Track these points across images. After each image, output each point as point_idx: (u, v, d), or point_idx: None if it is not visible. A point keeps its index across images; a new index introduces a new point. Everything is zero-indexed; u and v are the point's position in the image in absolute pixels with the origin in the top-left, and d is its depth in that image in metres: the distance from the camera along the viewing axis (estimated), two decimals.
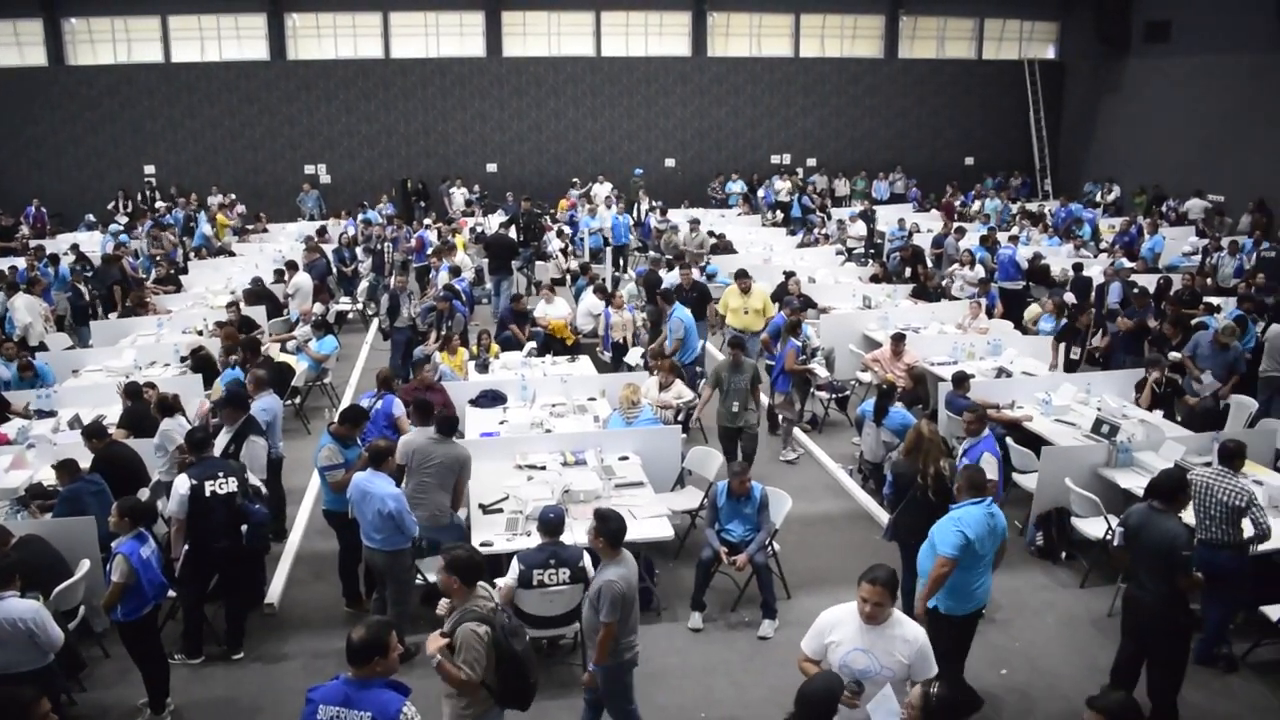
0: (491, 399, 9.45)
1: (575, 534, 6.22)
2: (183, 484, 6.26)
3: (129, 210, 20.55)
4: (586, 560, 5.71)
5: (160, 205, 20.82)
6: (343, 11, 22.95)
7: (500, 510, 6.98)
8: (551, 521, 5.63)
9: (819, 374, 10.46)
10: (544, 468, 7.71)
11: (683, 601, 7.08)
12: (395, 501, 6.14)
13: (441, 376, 9.81)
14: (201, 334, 11.83)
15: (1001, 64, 25.88)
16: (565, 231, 18.78)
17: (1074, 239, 17.21)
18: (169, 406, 7.70)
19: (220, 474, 6.37)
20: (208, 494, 6.27)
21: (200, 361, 10.15)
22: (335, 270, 15.65)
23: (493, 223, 19.29)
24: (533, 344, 11.54)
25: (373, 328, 14.74)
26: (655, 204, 20.74)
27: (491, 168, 24.20)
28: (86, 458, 7.07)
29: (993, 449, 7.10)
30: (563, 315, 12.43)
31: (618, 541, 5.06)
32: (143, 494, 6.93)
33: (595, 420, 8.96)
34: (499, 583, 5.45)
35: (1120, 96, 23.94)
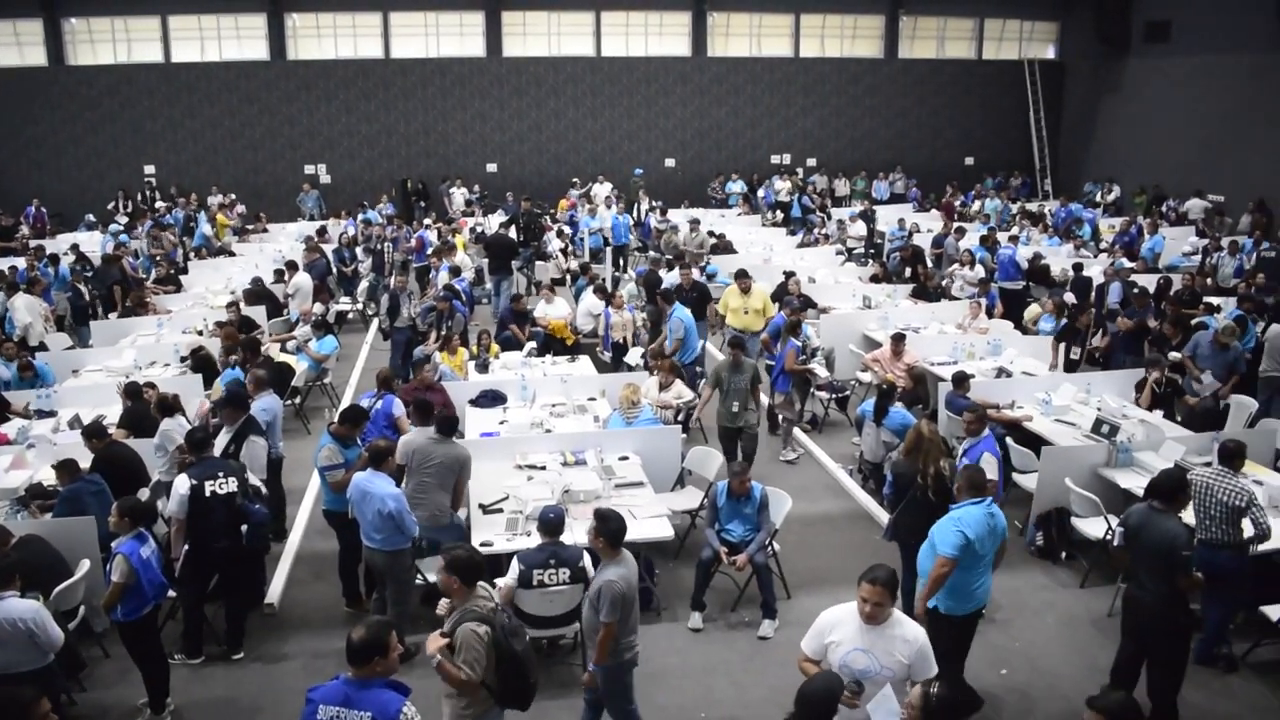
0: (491, 399, 9.45)
1: (575, 534, 6.22)
2: (183, 484, 6.27)
3: (129, 210, 20.54)
4: (586, 560, 5.71)
5: (160, 205, 20.81)
6: (343, 11, 22.95)
7: (500, 510, 6.98)
8: (551, 521, 5.63)
9: (819, 374, 10.45)
10: (544, 468, 7.71)
11: (683, 601, 7.07)
12: (395, 501, 6.14)
13: (441, 376, 9.81)
14: (201, 334, 11.82)
15: (1001, 64, 25.87)
16: (565, 231, 18.77)
17: (1074, 239, 17.20)
18: (169, 406, 7.71)
19: (220, 474, 6.37)
20: (208, 494, 6.27)
21: (200, 361, 10.15)
22: (335, 270, 15.64)
23: (493, 223, 19.28)
24: (533, 344, 11.53)
25: (373, 328, 14.74)
26: (655, 204, 20.72)
27: (491, 168, 24.19)
28: (86, 458, 7.07)
29: (993, 449, 7.10)
30: (563, 315, 12.42)
31: (618, 541, 5.06)
32: (143, 494, 6.93)
33: (595, 420, 8.96)
34: (499, 583, 5.45)
35: (1120, 96, 23.93)
